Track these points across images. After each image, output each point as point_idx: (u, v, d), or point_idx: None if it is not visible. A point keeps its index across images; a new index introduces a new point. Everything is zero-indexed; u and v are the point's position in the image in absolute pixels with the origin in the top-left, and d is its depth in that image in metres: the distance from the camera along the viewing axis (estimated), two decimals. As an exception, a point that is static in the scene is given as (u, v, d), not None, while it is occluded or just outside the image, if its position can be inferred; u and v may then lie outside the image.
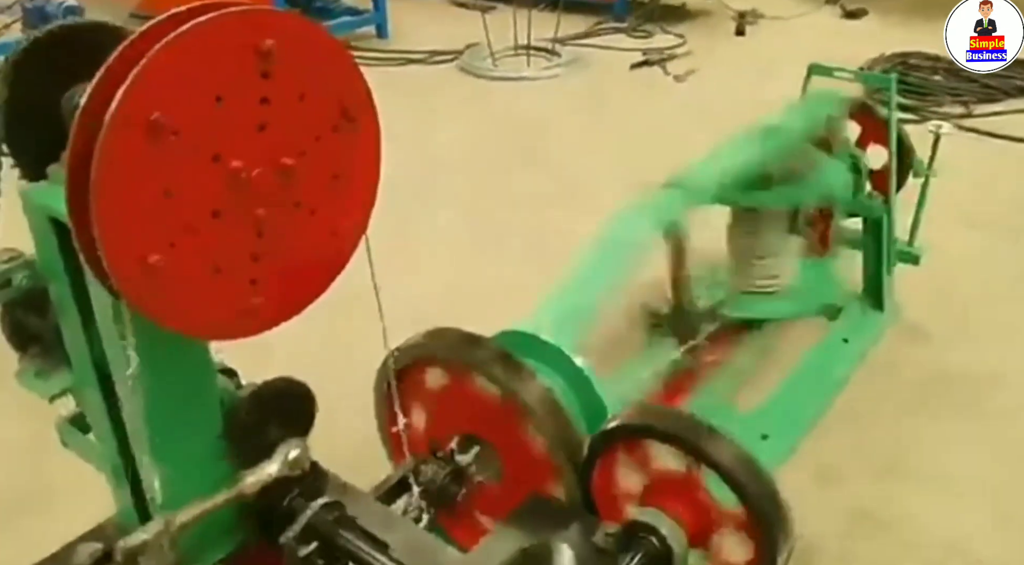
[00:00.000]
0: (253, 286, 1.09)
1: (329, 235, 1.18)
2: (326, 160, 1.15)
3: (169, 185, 0.98)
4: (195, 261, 1.02)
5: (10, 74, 1.17)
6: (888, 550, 2.30)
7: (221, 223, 1.03)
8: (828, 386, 2.80)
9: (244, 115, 1.03)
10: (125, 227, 0.95)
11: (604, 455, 1.52)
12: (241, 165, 1.03)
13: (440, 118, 5.27)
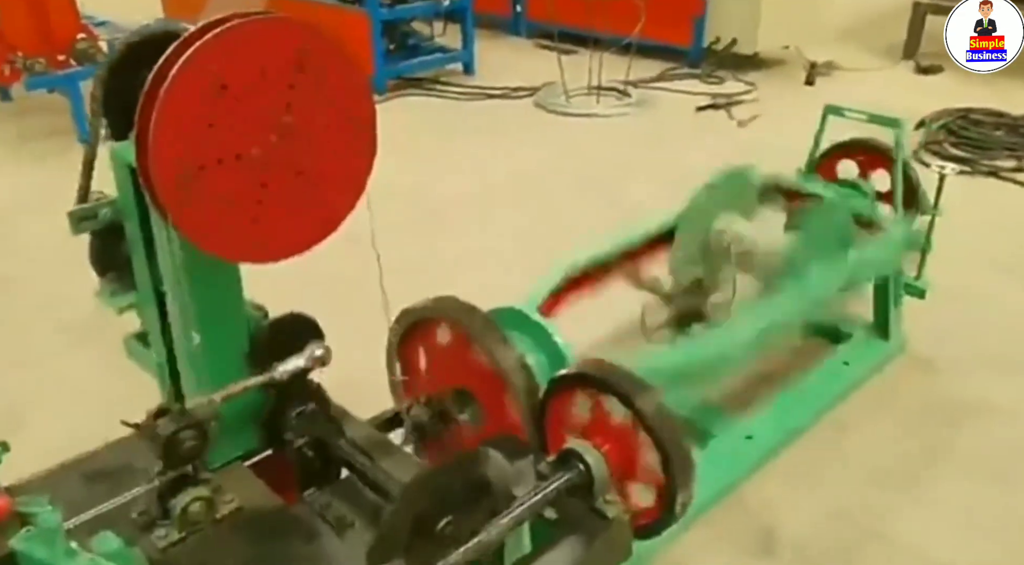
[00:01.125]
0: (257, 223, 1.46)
1: (321, 200, 1.54)
2: (327, 145, 1.51)
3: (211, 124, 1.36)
4: (218, 191, 1.40)
5: (107, 68, 1.61)
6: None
7: (240, 165, 1.40)
8: (819, 401, 3.00)
9: (277, 92, 1.42)
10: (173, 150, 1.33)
11: (552, 400, 1.82)
12: (266, 128, 1.41)
13: (512, 147, 5.68)
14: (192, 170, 1.36)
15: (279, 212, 1.50)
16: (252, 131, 1.42)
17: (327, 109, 1.51)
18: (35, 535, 1.21)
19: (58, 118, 6.01)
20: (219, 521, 1.64)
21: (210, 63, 1.33)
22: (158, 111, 1.30)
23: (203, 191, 1.38)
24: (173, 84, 1.30)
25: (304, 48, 1.44)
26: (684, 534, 2.46)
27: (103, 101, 1.57)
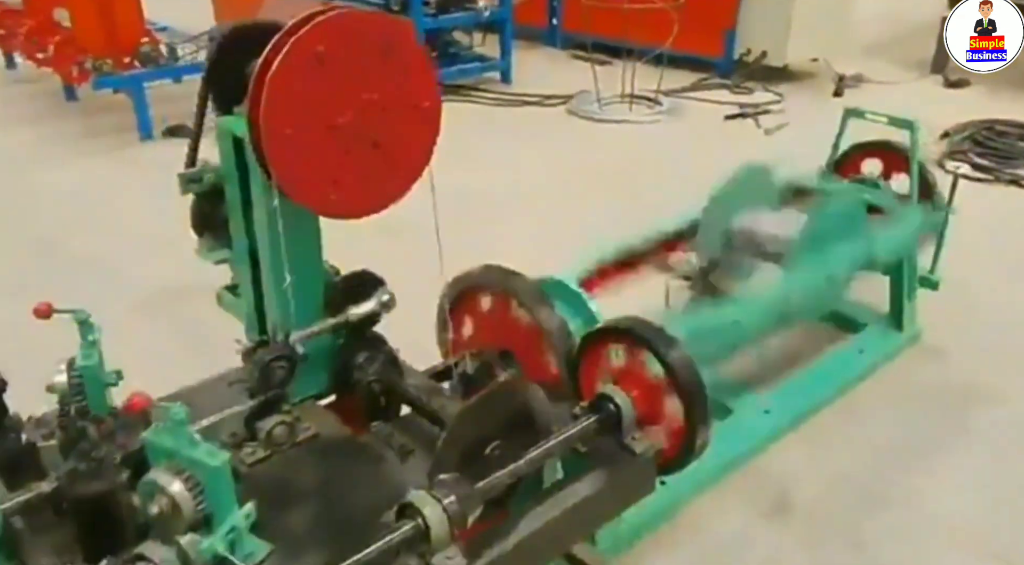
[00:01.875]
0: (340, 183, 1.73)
1: (391, 170, 1.81)
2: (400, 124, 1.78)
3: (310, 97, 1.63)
4: (312, 154, 1.66)
5: (215, 53, 1.89)
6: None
7: (330, 133, 1.67)
8: (834, 382, 3.21)
9: (363, 73, 1.68)
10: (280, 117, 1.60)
11: (586, 354, 2.07)
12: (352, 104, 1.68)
13: (546, 150, 5.94)
14: (293, 134, 1.62)
15: (358, 176, 1.76)
16: (341, 105, 1.69)
17: (402, 93, 1.77)
18: (164, 428, 1.47)
19: (120, 117, 6.39)
20: (298, 444, 1.90)
21: (313, 45, 1.60)
22: (270, 84, 1.57)
23: (300, 153, 1.65)
24: (284, 61, 1.57)
25: (389, 39, 1.71)
26: (704, 497, 2.70)
27: (212, 84, 1.85)
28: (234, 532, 1.48)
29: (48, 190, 5.23)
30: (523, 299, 2.19)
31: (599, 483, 1.88)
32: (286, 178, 1.67)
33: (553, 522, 1.79)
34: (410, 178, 1.84)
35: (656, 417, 1.97)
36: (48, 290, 1.89)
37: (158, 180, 6.00)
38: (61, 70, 6.06)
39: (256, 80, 1.61)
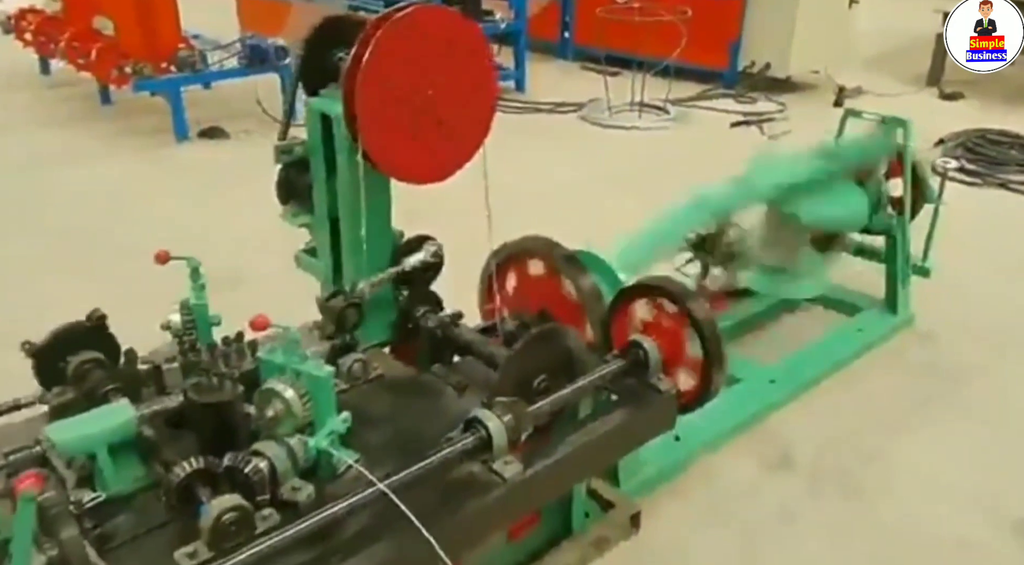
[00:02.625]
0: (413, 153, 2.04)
1: (455, 143, 2.12)
2: (463, 104, 2.09)
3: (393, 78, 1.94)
4: (394, 127, 1.98)
5: (305, 43, 2.20)
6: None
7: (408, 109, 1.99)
8: (833, 358, 3.52)
9: (435, 58, 2.00)
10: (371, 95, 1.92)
11: (616, 312, 2.38)
12: (425, 85, 2.00)
13: (558, 153, 6.27)
14: (380, 111, 1.94)
15: (428, 147, 2.08)
16: (416, 87, 2.00)
17: (464, 78, 2.09)
18: (277, 347, 1.78)
19: (155, 119, 6.72)
20: (370, 381, 2.20)
21: (398, 34, 1.92)
22: (364, 67, 1.89)
23: (385, 127, 1.97)
24: (373, 50, 1.89)
25: (453, 32, 2.02)
26: (716, 453, 2.99)
27: (303, 71, 2.16)
28: (334, 434, 1.78)
29: (91, 186, 5.53)
30: (561, 265, 2.50)
31: (628, 415, 2.18)
32: (373, 148, 1.98)
33: (590, 444, 2.10)
34: (470, 150, 2.16)
35: (678, 363, 2.28)
36: (96, 272, 2.18)
37: (194, 178, 6.41)
38: (102, 74, 6.39)
39: (350, 66, 1.93)
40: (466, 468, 1.93)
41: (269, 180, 2.34)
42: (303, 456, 1.77)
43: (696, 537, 2.65)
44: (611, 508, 2.60)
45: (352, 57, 1.93)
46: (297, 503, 1.73)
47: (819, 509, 2.78)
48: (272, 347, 1.80)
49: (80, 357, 2.03)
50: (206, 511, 1.58)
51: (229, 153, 6.21)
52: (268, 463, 1.72)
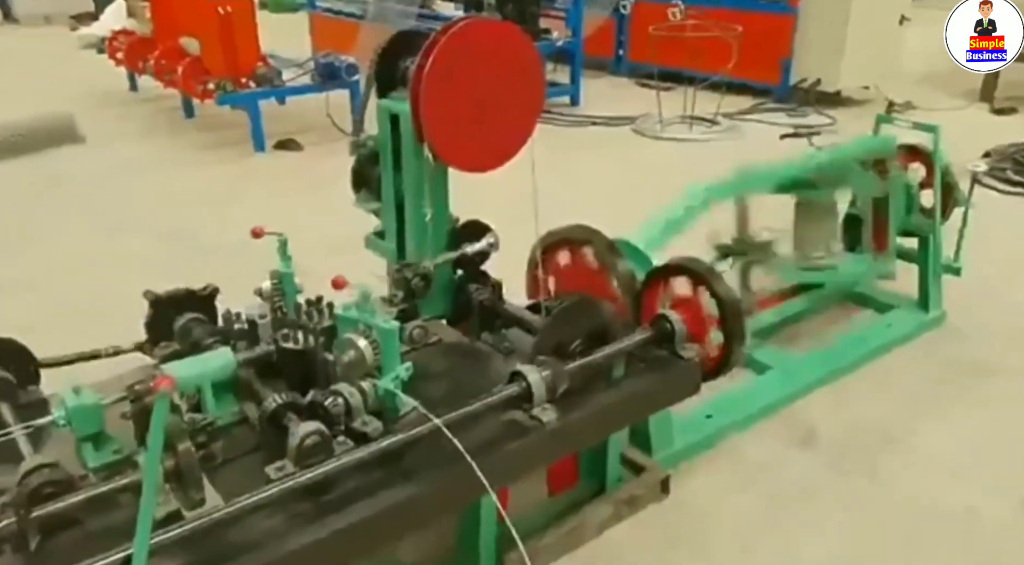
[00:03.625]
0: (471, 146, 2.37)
1: (506, 136, 2.44)
2: (513, 102, 2.42)
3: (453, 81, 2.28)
4: (455, 123, 2.31)
5: (378, 55, 2.56)
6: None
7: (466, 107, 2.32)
8: (862, 350, 3.72)
9: (487, 63, 2.33)
10: (434, 95, 2.25)
11: (647, 290, 2.66)
12: (480, 86, 2.33)
13: (611, 163, 6.57)
14: (443, 110, 2.28)
15: (484, 140, 2.40)
16: (472, 88, 2.33)
17: (514, 78, 2.42)
18: (354, 303, 2.11)
19: (233, 132, 7.25)
20: (429, 345, 2.53)
21: (456, 43, 2.25)
22: (428, 72, 2.23)
23: (447, 123, 2.30)
24: (436, 58, 2.23)
25: (503, 39, 2.35)
26: (744, 431, 3.23)
27: (378, 78, 2.52)
28: (398, 379, 2.10)
29: (181, 191, 6.04)
30: (601, 250, 2.79)
31: (654, 378, 2.46)
32: (435, 141, 2.32)
33: (619, 401, 2.39)
34: (519, 143, 2.48)
35: (702, 335, 2.55)
36: (182, 270, 2.53)
37: (270, 186, 6.89)
38: (189, 89, 6.93)
39: (416, 71, 2.27)
40: (509, 415, 2.23)
41: (338, 189, 2.68)
42: (372, 396, 2.09)
43: (721, 502, 2.89)
44: (643, 472, 2.87)
45: (417, 64, 2.27)
46: (366, 434, 2.05)
47: (838, 483, 2.99)
48: (347, 305, 2.14)
49: (185, 317, 2.41)
50: (294, 433, 1.92)
51: (302, 163, 6.67)
52: (343, 400, 2.05)
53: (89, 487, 1.82)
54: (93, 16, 13.17)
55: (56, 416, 1.92)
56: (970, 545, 2.69)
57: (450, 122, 2.32)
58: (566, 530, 2.63)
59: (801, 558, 2.64)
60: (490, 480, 2.00)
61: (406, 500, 2.01)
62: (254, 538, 1.84)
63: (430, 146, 2.34)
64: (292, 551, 1.84)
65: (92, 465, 1.95)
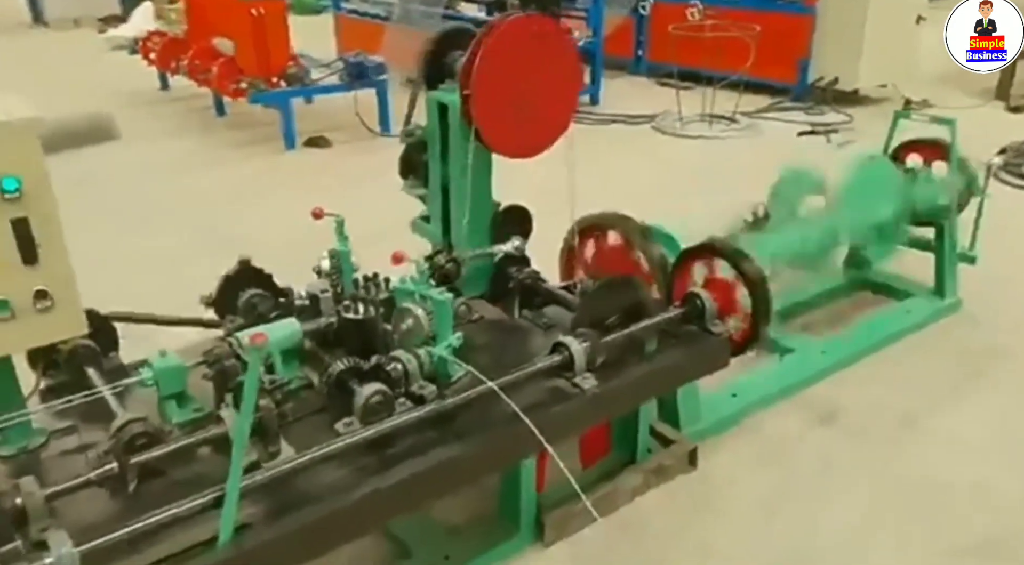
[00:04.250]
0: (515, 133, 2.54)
1: (547, 124, 2.62)
2: (553, 91, 2.59)
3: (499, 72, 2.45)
4: (500, 111, 2.48)
5: (427, 48, 2.73)
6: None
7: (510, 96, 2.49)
8: (881, 334, 3.86)
9: (529, 54, 2.50)
10: (484, 86, 2.43)
11: (677, 271, 2.82)
12: (523, 76, 2.50)
13: (632, 158, 6.73)
14: (491, 99, 2.45)
15: (527, 128, 2.58)
16: (517, 79, 2.51)
17: (554, 70, 2.59)
18: (409, 279, 2.29)
19: (263, 130, 7.46)
20: (473, 321, 2.70)
21: (502, 38, 2.43)
22: (477, 65, 2.41)
23: (495, 112, 2.48)
24: (486, 49, 2.41)
25: (545, 34, 2.53)
26: (767, 410, 3.38)
27: (427, 71, 2.70)
28: (450, 346, 2.28)
29: (216, 187, 6.24)
30: (632, 235, 2.96)
31: (687, 352, 2.63)
32: (483, 128, 2.50)
33: (652, 372, 2.55)
34: (558, 131, 2.65)
35: (731, 312, 2.71)
36: (217, 260, 2.68)
37: (301, 181, 7.07)
38: (222, 88, 7.14)
39: (466, 64, 2.45)
40: (552, 382, 2.40)
41: (367, 184, 2.83)
42: (427, 362, 2.27)
43: (745, 473, 3.05)
44: (672, 445, 3.03)
45: (467, 57, 2.45)
46: (423, 397, 2.22)
47: (855, 457, 3.14)
48: (404, 278, 2.32)
49: (249, 293, 2.60)
50: (359, 393, 2.10)
51: (332, 160, 6.87)
52: (402, 365, 2.22)
53: (175, 439, 2.00)
54: (120, 19, 13.46)
55: (144, 376, 2.11)
56: (983, 518, 2.84)
57: (497, 111, 2.50)
58: (600, 496, 2.79)
59: (820, 525, 2.80)
60: (535, 441, 2.17)
61: (459, 456, 2.19)
62: (324, 486, 2.02)
63: (478, 134, 2.51)
64: (358, 498, 2.01)
65: (176, 421, 2.13)
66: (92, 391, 2.13)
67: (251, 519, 1.86)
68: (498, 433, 2.24)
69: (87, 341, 2.33)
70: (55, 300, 1.91)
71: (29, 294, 1.88)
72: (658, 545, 2.70)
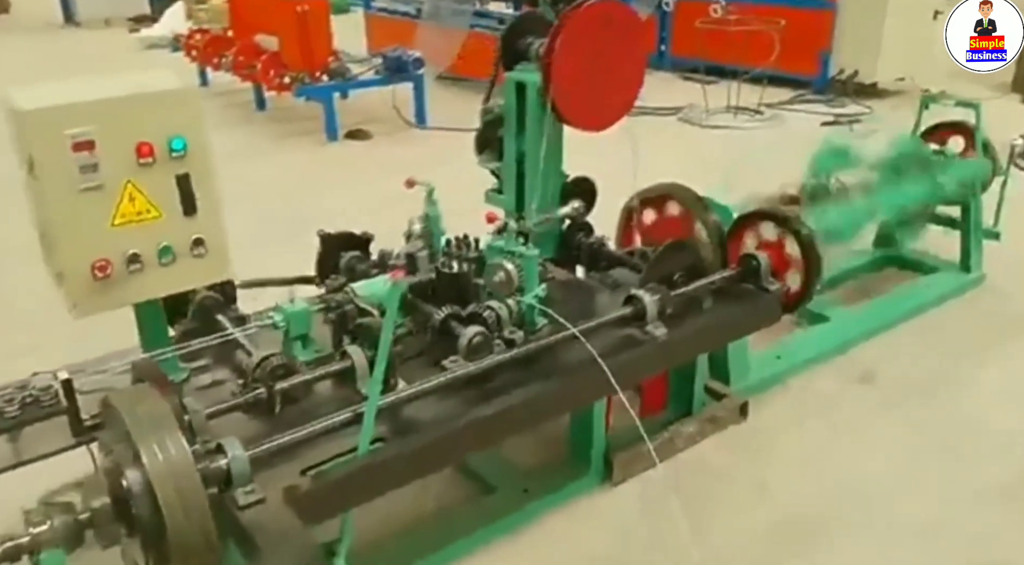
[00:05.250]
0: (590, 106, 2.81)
1: (617, 98, 2.89)
2: (621, 68, 2.86)
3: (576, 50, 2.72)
4: (577, 87, 2.76)
5: (504, 35, 3.01)
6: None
7: (586, 72, 2.76)
8: (911, 305, 4.12)
9: (600, 34, 2.77)
10: (563, 65, 2.70)
11: (732, 237, 3.09)
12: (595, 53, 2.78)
13: (659, 149, 6.96)
14: (570, 77, 2.73)
15: (600, 103, 2.85)
16: (591, 54, 2.78)
17: (624, 51, 2.86)
18: (500, 238, 2.56)
19: (304, 123, 7.75)
20: (546, 280, 2.97)
21: (581, 21, 2.70)
22: (558, 46, 2.68)
23: (573, 88, 2.75)
24: (563, 35, 2.68)
25: (615, 17, 2.81)
26: (809, 370, 3.64)
27: (504, 56, 2.97)
28: (536, 296, 2.55)
29: (266, 177, 6.52)
30: (690, 204, 3.22)
31: (745, 307, 2.89)
32: (563, 105, 2.77)
33: (716, 324, 2.82)
34: (627, 105, 2.94)
35: (784, 272, 2.98)
36: (281, 242, 2.95)
37: (344, 172, 7.35)
38: (267, 82, 7.44)
39: (548, 45, 2.72)
40: (625, 331, 2.67)
41: (407, 172, 2.98)
42: (516, 311, 2.54)
43: (791, 425, 3.31)
44: (724, 399, 3.30)
45: (549, 39, 2.73)
46: (513, 341, 2.50)
47: (893, 410, 3.40)
48: (494, 236, 2.60)
49: (348, 255, 2.88)
50: (463, 334, 2.37)
51: (373, 151, 7.16)
52: (495, 313, 2.50)
53: (306, 372, 2.28)
54: (150, 18, 13.81)
55: (276, 319, 2.38)
56: (1014, 460, 3.09)
57: (575, 88, 2.77)
58: (661, 442, 3.06)
59: (859, 466, 3.06)
60: (610, 383, 2.44)
61: (545, 393, 2.46)
62: (433, 414, 2.29)
63: (557, 109, 2.79)
64: (463, 424, 2.29)
65: (302, 359, 2.41)
66: (226, 332, 2.41)
67: (382, 435, 2.13)
68: (578, 374, 2.51)
69: (213, 293, 2.62)
70: (208, 248, 2.20)
71: (188, 241, 2.16)
72: (718, 483, 2.97)
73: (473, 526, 2.72)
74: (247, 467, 1.83)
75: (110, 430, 1.72)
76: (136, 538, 1.71)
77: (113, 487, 1.69)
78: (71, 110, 1.96)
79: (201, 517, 1.63)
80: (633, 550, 2.69)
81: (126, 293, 2.15)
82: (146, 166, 2.07)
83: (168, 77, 2.19)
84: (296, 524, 1.83)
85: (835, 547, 2.69)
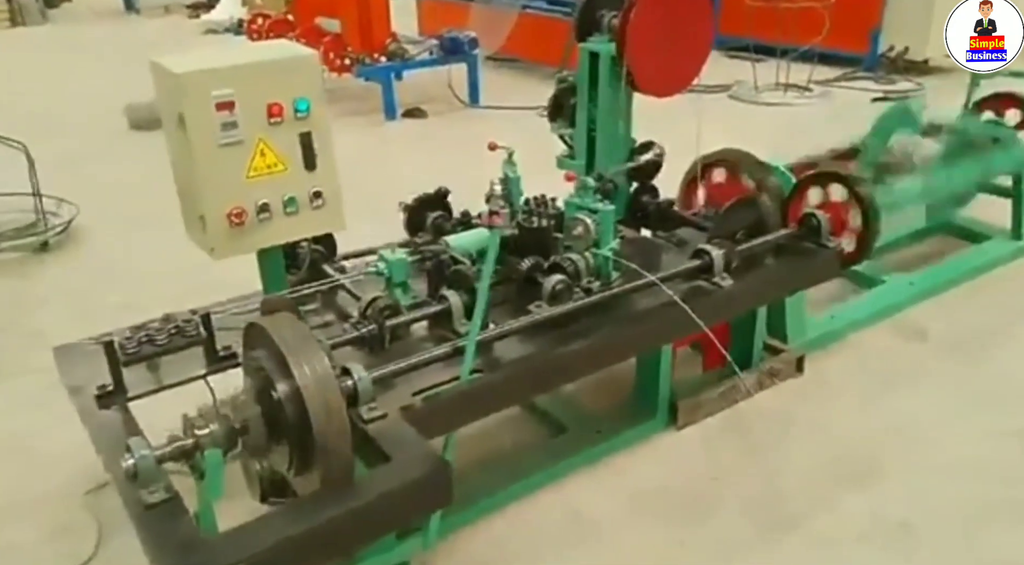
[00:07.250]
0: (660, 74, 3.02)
1: (685, 67, 3.10)
2: (690, 39, 3.06)
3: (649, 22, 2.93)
4: (649, 55, 2.97)
5: (580, 9, 3.22)
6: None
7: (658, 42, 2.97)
8: (964, 269, 4.27)
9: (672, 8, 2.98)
10: (637, 35, 2.91)
11: (793, 198, 3.28)
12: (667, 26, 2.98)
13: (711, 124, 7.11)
14: (644, 46, 2.94)
15: (671, 70, 3.06)
16: (663, 22, 2.99)
17: (693, 20, 3.07)
18: (577, 194, 2.79)
19: (361, 103, 8.02)
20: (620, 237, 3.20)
21: None
22: (633, 17, 2.89)
23: (646, 56, 2.97)
24: (641, 5, 2.89)
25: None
26: (863, 329, 3.82)
27: (579, 28, 3.19)
28: (612, 249, 2.78)
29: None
30: (752, 168, 3.41)
31: (806, 261, 3.09)
32: (639, 72, 2.99)
33: (778, 277, 3.03)
34: (695, 71, 3.15)
35: (843, 230, 3.16)
36: (356, 212, 3.03)
37: (404, 148, 7.60)
38: (329, 63, 7.71)
39: (623, 17, 2.94)
40: (694, 283, 2.88)
41: (461, 148, 3.23)
42: (593, 263, 2.77)
43: (846, 378, 3.50)
44: (781, 353, 3.50)
45: (624, 11, 2.94)
46: (591, 289, 2.73)
47: (944, 364, 3.57)
48: (573, 193, 2.83)
49: (433, 215, 3.13)
50: (546, 281, 2.61)
51: (429, 129, 7.42)
52: (574, 264, 2.73)
53: (408, 313, 2.54)
54: (206, 5, 14.20)
55: (380, 267, 2.64)
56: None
57: (648, 56, 2.98)
58: (722, 390, 3.28)
59: (910, 412, 3.25)
60: (682, 331, 2.67)
61: (622, 335, 2.70)
62: (522, 351, 2.53)
63: (629, 77, 3.00)
64: (549, 360, 2.53)
65: (403, 303, 2.66)
66: (333, 279, 2.68)
67: (479, 367, 2.38)
68: (651, 319, 2.74)
69: (318, 246, 2.89)
70: (325, 200, 2.46)
71: (308, 194, 2.43)
72: (777, 427, 3.19)
73: (549, 462, 2.97)
74: (371, 386, 2.08)
75: (259, 350, 1.99)
76: (283, 444, 1.97)
77: (263, 398, 1.96)
78: (215, 74, 2.23)
79: (341, 423, 1.89)
80: (698, 483, 2.92)
81: (255, 239, 2.42)
82: (275, 125, 2.33)
83: (292, 46, 2.45)
84: (414, 436, 2.08)
85: (888, 481, 2.89)
